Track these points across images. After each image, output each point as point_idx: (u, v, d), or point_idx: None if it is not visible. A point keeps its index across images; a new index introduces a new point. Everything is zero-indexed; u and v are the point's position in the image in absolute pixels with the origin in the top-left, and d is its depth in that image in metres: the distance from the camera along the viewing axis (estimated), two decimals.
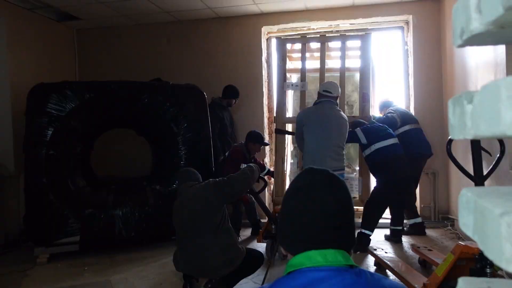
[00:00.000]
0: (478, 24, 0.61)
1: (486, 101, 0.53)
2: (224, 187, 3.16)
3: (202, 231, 3.08)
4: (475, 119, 0.58)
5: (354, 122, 4.90)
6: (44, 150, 4.60)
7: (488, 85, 0.53)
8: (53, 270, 4.33)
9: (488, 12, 0.57)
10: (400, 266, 3.56)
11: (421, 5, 5.93)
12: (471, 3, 0.62)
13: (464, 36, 0.66)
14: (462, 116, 0.63)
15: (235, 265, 3.10)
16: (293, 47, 6.21)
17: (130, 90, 5.03)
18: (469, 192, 0.68)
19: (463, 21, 0.65)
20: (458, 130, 0.66)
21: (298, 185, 1.14)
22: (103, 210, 4.76)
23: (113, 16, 6.25)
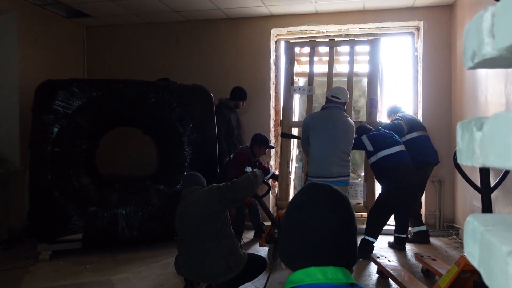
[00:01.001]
0: (491, 49, 0.58)
1: (497, 131, 0.51)
2: (227, 192, 3.13)
3: (203, 237, 3.06)
4: (485, 148, 0.56)
5: (360, 128, 4.86)
6: (50, 147, 4.61)
7: (499, 115, 0.51)
8: (55, 267, 4.34)
9: (501, 38, 0.55)
10: (403, 275, 3.52)
11: (432, 11, 5.88)
12: (483, 27, 0.60)
13: (475, 60, 0.63)
14: (470, 142, 0.61)
15: (236, 272, 3.09)
16: (302, 51, 6.18)
17: (137, 89, 5.02)
18: (475, 220, 0.65)
19: (475, 44, 0.62)
20: (466, 156, 0.64)
21: (300, 200, 1.12)
22: (106, 208, 4.76)
23: (123, 14, 6.26)
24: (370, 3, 5.76)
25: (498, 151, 0.50)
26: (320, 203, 1.07)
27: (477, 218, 0.66)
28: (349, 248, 1.08)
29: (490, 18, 0.58)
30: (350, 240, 1.09)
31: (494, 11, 0.58)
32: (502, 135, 0.49)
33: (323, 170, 3.64)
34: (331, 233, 1.04)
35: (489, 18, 0.59)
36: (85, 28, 6.94)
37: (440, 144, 5.55)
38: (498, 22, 0.56)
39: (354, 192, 5.28)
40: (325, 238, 1.04)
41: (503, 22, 0.54)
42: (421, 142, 5.12)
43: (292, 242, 1.08)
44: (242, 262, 3.16)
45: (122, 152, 6.45)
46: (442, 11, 5.85)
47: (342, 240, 1.06)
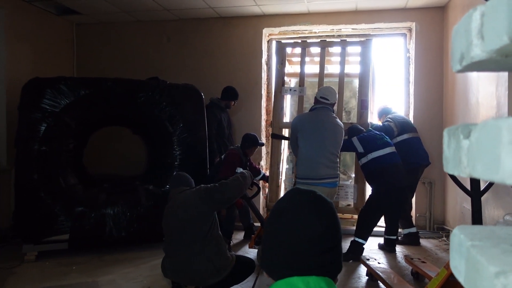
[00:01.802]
0: (480, 51, 0.55)
1: (485, 141, 0.47)
2: (215, 193, 3.09)
3: (190, 239, 3.02)
4: (472, 158, 0.52)
5: (351, 129, 4.84)
6: (36, 145, 4.53)
7: (487, 123, 0.47)
8: (41, 268, 4.26)
9: (491, 39, 0.51)
10: (392, 278, 3.50)
11: (425, 12, 5.87)
12: (472, 27, 0.56)
13: (464, 62, 0.60)
14: (457, 151, 0.57)
15: (224, 274, 3.05)
16: (294, 51, 6.14)
17: (126, 88, 4.96)
18: (461, 233, 0.61)
19: (464, 46, 0.59)
20: (452, 164, 0.60)
21: (283, 207, 1.08)
22: (94, 208, 4.69)
23: (114, 12, 6.19)
24: (362, 4, 5.74)
25: (485, 162, 0.46)
26: (303, 210, 1.03)
27: (464, 230, 0.62)
28: (333, 256, 1.04)
29: (479, 18, 0.54)
30: (335, 249, 1.04)
31: (483, 11, 0.54)
32: (490, 145, 0.45)
33: (311, 172, 3.60)
34: (314, 242, 1.00)
35: (478, 18, 0.55)
36: (75, 25, 6.85)
37: (431, 146, 5.54)
38: (488, 23, 0.52)
39: (345, 194, 5.25)
40: (308, 247, 1.00)
41: (492, 23, 0.50)
42: (412, 144, 5.10)
43: (273, 251, 1.04)
44: (230, 264, 3.12)
45: (111, 152, 6.39)
46: (434, 12, 5.85)
47: (326, 249, 1.01)
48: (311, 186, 3.63)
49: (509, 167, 0.41)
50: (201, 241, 3.01)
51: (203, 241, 3.02)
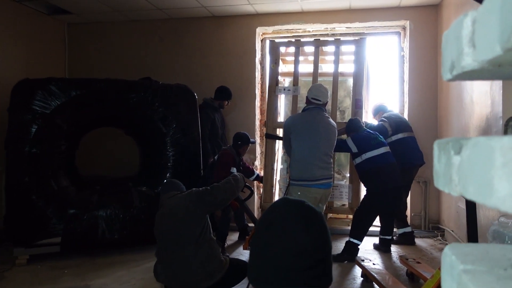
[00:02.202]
0: (471, 60, 0.51)
1: (477, 161, 0.43)
2: (206, 196, 3.06)
3: (182, 242, 2.98)
4: (463, 177, 0.48)
5: (351, 122, 4.77)
6: (27, 147, 4.47)
7: (479, 141, 0.43)
8: (32, 272, 4.21)
9: (483, 48, 0.47)
10: (387, 279, 3.47)
11: (419, 11, 5.84)
12: (463, 35, 0.52)
13: (454, 72, 0.56)
14: (448, 167, 0.53)
15: (216, 278, 3.01)
16: (288, 50, 6.10)
17: (118, 88, 4.91)
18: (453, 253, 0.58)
19: (454, 54, 0.55)
20: (443, 181, 0.56)
21: (270, 219, 1.03)
22: (86, 211, 4.63)
23: (105, 12, 6.12)
24: (356, 2, 5.70)
25: (477, 183, 0.43)
26: (291, 222, 0.99)
27: (455, 250, 0.58)
28: (322, 270, 1.00)
29: (471, 25, 0.50)
30: (324, 262, 1.00)
31: (475, 17, 0.50)
32: (483, 167, 0.41)
33: (305, 174, 3.56)
34: (303, 255, 0.96)
35: (469, 25, 0.51)
36: (67, 25, 6.78)
37: (426, 145, 5.51)
38: (480, 30, 0.48)
39: (339, 194, 5.22)
40: (296, 261, 0.96)
41: (484, 30, 0.46)
42: (407, 143, 5.07)
43: (260, 264, 1.00)
44: (223, 268, 3.08)
45: (104, 153, 6.33)
46: (428, 11, 5.82)
47: (315, 262, 0.97)
48: (305, 188, 3.59)
49: (503, 192, 0.37)
50: (194, 245, 2.98)
51: (195, 244, 2.98)
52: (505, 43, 0.39)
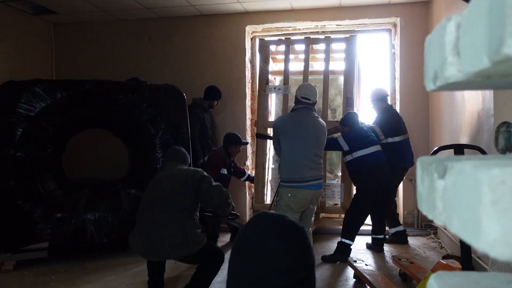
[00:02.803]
0: (456, 71, 0.44)
1: (462, 193, 0.37)
2: (204, 183, 3.18)
3: (168, 207, 3.10)
4: (448, 206, 0.42)
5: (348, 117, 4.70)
6: (12, 151, 4.37)
7: (465, 171, 0.37)
8: (19, 278, 4.11)
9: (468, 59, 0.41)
10: (380, 281, 3.42)
11: (409, 7, 5.79)
12: (446, 41, 0.45)
13: (437, 82, 0.49)
14: (431, 191, 0.47)
15: (191, 250, 3.06)
16: (278, 48, 6.03)
17: (105, 89, 4.81)
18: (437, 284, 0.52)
19: (437, 63, 0.48)
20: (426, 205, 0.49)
21: (248, 235, 0.97)
22: (74, 214, 4.55)
23: (91, 11, 6.01)
24: (346, 0, 5.64)
25: (464, 219, 0.36)
26: (270, 238, 0.92)
27: (441, 280, 0.52)
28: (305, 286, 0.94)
29: (455, 30, 0.44)
30: (305, 280, 0.94)
31: (459, 21, 0.43)
32: (469, 202, 0.35)
33: (295, 175, 3.50)
34: (283, 274, 0.89)
35: (453, 30, 0.44)
36: (53, 25, 6.66)
37: (418, 143, 5.48)
38: (465, 37, 0.42)
39: (331, 193, 5.17)
40: (277, 282, 0.89)
41: (470, 38, 0.40)
42: (402, 147, 4.95)
43: (239, 284, 0.93)
44: (200, 242, 3.13)
45: (92, 155, 6.24)
46: (419, 7, 5.77)
47: (297, 281, 0.91)
48: (296, 189, 3.53)
49: (493, 236, 0.31)
50: (178, 212, 3.10)
51: (180, 213, 3.10)
52: (494, 55, 0.33)
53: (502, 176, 0.31)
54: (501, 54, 0.32)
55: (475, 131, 3.86)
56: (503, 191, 0.30)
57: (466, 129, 4.16)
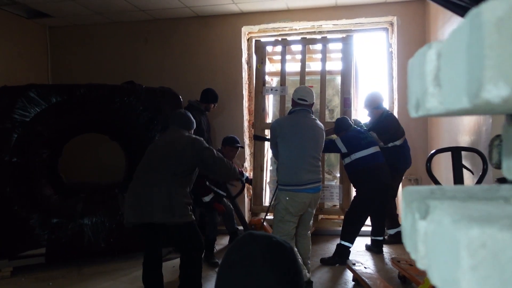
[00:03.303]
0: (437, 103, 0.41)
1: (442, 249, 0.33)
2: (207, 156, 3.20)
3: (159, 170, 3.13)
4: (429, 254, 0.38)
5: (339, 122, 4.67)
6: (7, 157, 4.34)
7: (443, 223, 0.33)
8: (16, 285, 4.09)
9: (451, 91, 0.38)
10: (379, 284, 3.39)
11: (406, 6, 5.75)
12: (427, 70, 0.42)
13: (420, 112, 0.46)
14: (413, 231, 0.44)
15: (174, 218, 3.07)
16: (274, 49, 6.00)
17: (100, 93, 4.77)
18: None
19: (419, 92, 0.45)
20: (409, 244, 0.46)
21: (234, 258, 0.93)
22: (71, 219, 4.52)
23: (86, 14, 5.97)
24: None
25: (444, 278, 0.33)
26: (256, 260, 0.89)
27: None
28: None
29: (436, 59, 0.40)
30: None
31: (440, 50, 0.40)
32: (449, 261, 0.31)
33: (293, 178, 3.46)
34: None
35: (434, 59, 0.41)
36: (48, 28, 6.61)
37: (416, 142, 5.45)
38: (446, 68, 0.38)
39: (330, 194, 5.14)
40: None
41: (451, 71, 0.36)
42: (404, 149, 4.90)
43: None
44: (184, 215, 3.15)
45: (89, 159, 6.20)
46: (416, 6, 5.73)
47: None
48: (294, 193, 3.50)
49: None
50: (169, 176, 3.11)
51: (171, 176, 3.12)
52: (474, 98, 0.30)
53: (483, 238, 0.27)
54: (481, 99, 0.29)
55: (474, 131, 3.83)
56: (483, 256, 0.27)
57: (464, 129, 4.13)
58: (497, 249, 0.27)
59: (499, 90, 0.27)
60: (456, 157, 2.93)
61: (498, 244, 0.27)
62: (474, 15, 0.29)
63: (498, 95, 0.27)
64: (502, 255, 0.26)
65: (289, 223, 3.51)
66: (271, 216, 4.55)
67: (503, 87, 0.27)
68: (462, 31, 0.31)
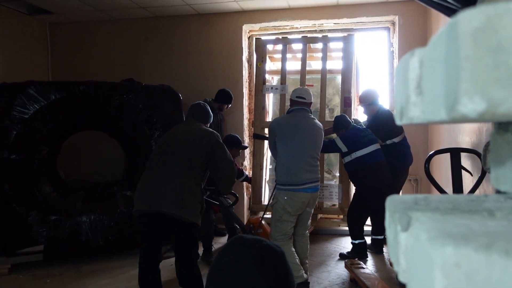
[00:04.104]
0: (419, 112, 0.39)
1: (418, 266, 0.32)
2: (219, 149, 3.18)
3: (176, 161, 3.08)
4: (409, 269, 0.37)
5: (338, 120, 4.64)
6: (6, 154, 4.33)
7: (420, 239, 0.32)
8: (13, 282, 4.08)
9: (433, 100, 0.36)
10: (377, 284, 3.38)
11: (408, 5, 5.72)
12: (410, 77, 0.41)
13: (404, 120, 0.45)
14: (395, 243, 0.42)
15: (183, 214, 2.98)
16: (275, 48, 5.98)
17: (100, 91, 4.76)
18: None
19: (403, 99, 0.43)
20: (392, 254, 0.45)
21: (224, 262, 0.92)
22: (69, 217, 4.51)
23: (87, 11, 5.96)
24: None
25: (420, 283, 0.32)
26: (246, 265, 0.88)
27: None
28: None
29: (418, 67, 0.39)
30: None
31: (422, 58, 0.38)
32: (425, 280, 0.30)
33: (292, 178, 3.45)
34: None
35: (416, 67, 0.39)
36: (49, 25, 6.61)
37: (417, 142, 5.43)
38: (427, 77, 0.37)
39: (329, 194, 5.13)
40: None
41: (431, 80, 0.35)
42: (403, 146, 4.86)
43: None
44: (194, 216, 3.07)
45: (88, 157, 6.20)
46: (417, 5, 5.69)
47: None
48: (292, 192, 3.49)
49: None
50: (186, 170, 3.06)
51: (188, 170, 3.07)
52: (450, 111, 0.29)
53: (457, 258, 0.26)
54: (457, 112, 0.27)
55: (474, 131, 3.81)
56: (457, 277, 0.26)
57: (465, 129, 4.11)
58: (472, 270, 0.25)
59: (474, 104, 0.26)
60: (455, 158, 2.92)
61: (472, 265, 0.25)
62: (451, 24, 0.27)
63: (474, 110, 0.26)
64: (476, 277, 0.25)
65: (287, 223, 3.50)
66: (269, 215, 4.55)
67: (479, 102, 0.26)
68: (440, 40, 0.30)
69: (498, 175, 0.47)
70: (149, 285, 3.30)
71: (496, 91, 0.25)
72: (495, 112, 0.25)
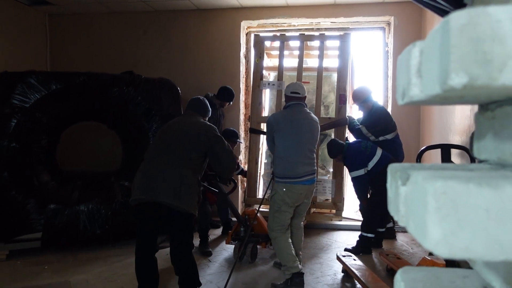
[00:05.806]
0: (419, 91, 0.50)
1: (415, 201, 0.43)
2: (217, 143, 3.24)
3: (175, 152, 3.14)
4: (407, 211, 0.48)
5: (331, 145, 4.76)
6: (6, 142, 4.40)
7: (417, 182, 0.43)
8: (11, 268, 4.16)
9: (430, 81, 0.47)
10: (367, 275, 3.50)
11: (403, 6, 5.85)
12: (411, 64, 0.51)
13: (405, 99, 0.55)
14: (396, 196, 0.53)
15: (180, 204, 3.04)
16: (273, 44, 6.08)
17: (99, 82, 4.85)
18: (403, 280, 0.58)
19: (405, 82, 0.54)
20: (393, 208, 0.56)
21: None
22: (67, 206, 4.59)
23: (86, 2, 6.01)
24: None
25: (416, 223, 0.42)
26: None
27: (406, 276, 0.59)
28: None
29: (418, 55, 0.50)
30: None
31: (422, 48, 0.49)
32: (420, 209, 0.41)
33: (290, 171, 3.56)
34: None
35: (417, 56, 0.50)
36: (48, 16, 6.65)
37: (410, 139, 5.57)
38: (426, 62, 0.48)
39: (323, 189, 5.25)
40: None
41: (429, 65, 0.46)
42: (396, 143, 4.97)
43: None
44: (191, 206, 3.12)
45: (87, 147, 6.26)
46: (413, 6, 5.82)
47: None
48: (290, 185, 3.59)
49: (436, 237, 0.37)
50: (184, 160, 3.12)
51: (186, 161, 3.12)
52: (443, 85, 0.39)
53: (444, 188, 0.37)
54: (447, 85, 0.38)
55: (465, 130, 3.95)
56: (444, 201, 0.36)
57: (456, 128, 4.25)
58: (455, 196, 0.36)
59: (460, 78, 0.36)
60: (446, 154, 3.05)
61: (455, 192, 0.36)
62: (445, 22, 0.38)
63: (460, 82, 0.36)
64: (459, 200, 0.36)
65: (285, 213, 3.61)
66: (264, 208, 4.66)
67: (463, 76, 0.36)
68: (436, 33, 0.41)
69: (480, 146, 0.58)
70: (145, 274, 3.36)
71: (475, 69, 0.36)
72: (474, 85, 0.36)
